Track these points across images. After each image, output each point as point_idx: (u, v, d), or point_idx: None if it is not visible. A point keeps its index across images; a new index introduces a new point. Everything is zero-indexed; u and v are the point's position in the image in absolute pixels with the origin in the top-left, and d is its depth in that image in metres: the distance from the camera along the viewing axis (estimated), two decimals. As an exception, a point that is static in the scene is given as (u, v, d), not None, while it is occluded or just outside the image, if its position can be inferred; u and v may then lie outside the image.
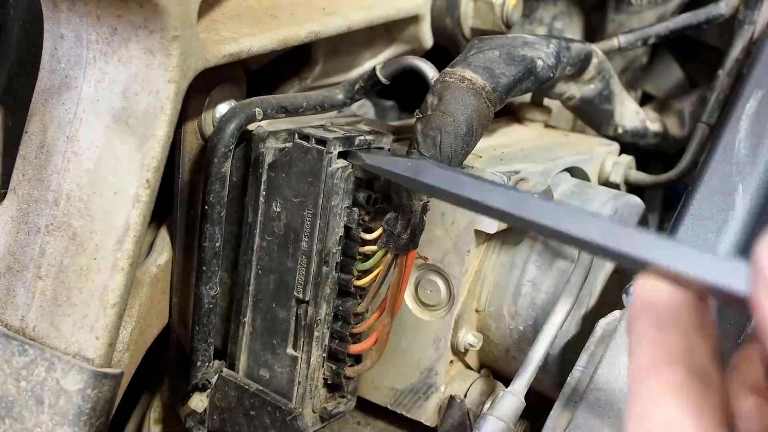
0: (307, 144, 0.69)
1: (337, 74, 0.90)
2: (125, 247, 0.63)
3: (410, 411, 0.83)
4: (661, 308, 0.35)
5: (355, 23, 0.82)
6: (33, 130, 0.66)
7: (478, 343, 0.81)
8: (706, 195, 0.79)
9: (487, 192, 0.51)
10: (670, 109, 1.11)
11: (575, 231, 0.41)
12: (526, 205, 0.46)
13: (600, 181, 0.98)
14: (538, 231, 0.45)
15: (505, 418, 0.69)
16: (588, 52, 0.87)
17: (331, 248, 0.71)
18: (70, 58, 0.64)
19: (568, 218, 0.42)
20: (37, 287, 0.66)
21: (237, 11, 0.74)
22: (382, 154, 0.70)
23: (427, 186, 0.59)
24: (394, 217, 0.70)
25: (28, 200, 0.66)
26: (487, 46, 0.75)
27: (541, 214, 0.44)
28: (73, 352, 0.64)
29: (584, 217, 0.41)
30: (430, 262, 0.79)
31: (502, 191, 0.49)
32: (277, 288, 0.73)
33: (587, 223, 0.40)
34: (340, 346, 0.75)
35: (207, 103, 0.73)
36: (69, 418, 0.63)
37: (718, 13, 1.00)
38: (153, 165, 0.63)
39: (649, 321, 0.35)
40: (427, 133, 0.68)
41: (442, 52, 0.95)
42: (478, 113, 0.70)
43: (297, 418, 0.73)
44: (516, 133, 0.96)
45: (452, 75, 0.70)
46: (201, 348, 0.74)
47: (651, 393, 0.33)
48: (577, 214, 0.41)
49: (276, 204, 0.71)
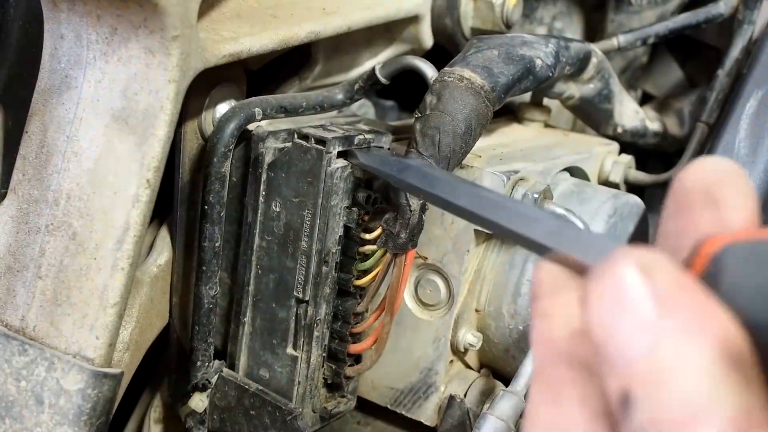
0: (306, 144, 0.69)
1: (337, 74, 0.90)
2: (125, 246, 0.63)
3: (410, 411, 0.83)
4: (542, 294, 0.36)
5: (355, 23, 0.82)
6: (33, 130, 0.66)
7: (477, 342, 0.81)
8: (706, 195, 0.79)
9: (455, 191, 0.52)
10: (670, 109, 1.11)
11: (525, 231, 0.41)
12: (486, 204, 0.47)
13: (599, 180, 0.98)
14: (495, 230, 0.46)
15: (504, 418, 0.69)
16: (587, 51, 0.87)
17: (330, 248, 0.71)
18: (70, 57, 0.64)
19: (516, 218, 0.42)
20: (37, 287, 0.66)
21: (237, 11, 0.74)
22: (375, 153, 0.71)
23: (409, 185, 0.61)
24: (393, 216, 0.70)
25: (28, 200, 0.66)
26: (486, 46, 0.75)
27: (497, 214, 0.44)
28: (73, 351, 0.64)
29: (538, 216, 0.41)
30: (430, 262, 0.79)
31: (469, 191, 0.50)
32: (277, 287, 0.73)
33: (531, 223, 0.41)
34: (339, 346, 0.75)
35: (207, 103, 0.73)
36: (69, 418, 0.63)
37: (718, 12, 1.00)
38: (153, 165, 0.63)
39: (537, 310, 0.35)
40: (426, 132, 0.68)
41: (442, 52, 0.95)
42: (477, 112, 0.70)
43: (297, 418, 0.73)
44: (515, 132, 0.97)
45: (451, 74, 0.70)
46: (201, 348, 0.75)
47: (535, 400, 0.33)
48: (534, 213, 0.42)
49: (275, 204, 0.71)
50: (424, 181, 0.58)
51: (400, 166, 0.63)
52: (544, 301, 0.35)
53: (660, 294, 0.28)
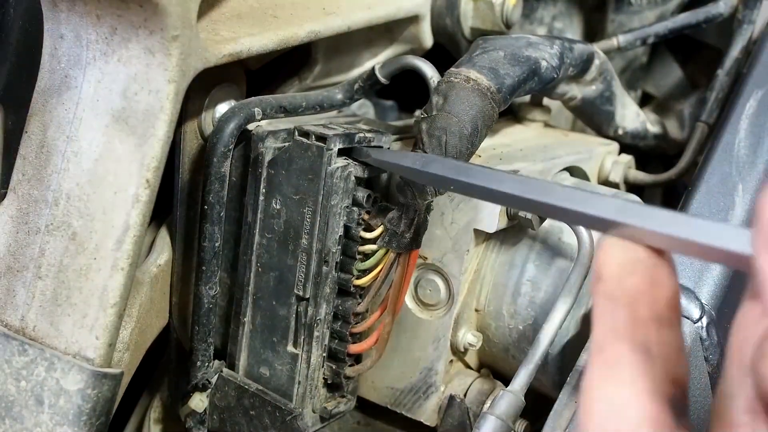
0: (307, 141, 0.69)
1: (337, 74, 0.90)
2: (125, 246, 0.63)
3: (410, 411, 0.83)
4: (609, 276, 0.36)
5: (355, 23, 0.82)
6: (33, 130, 0.66)
7: (477, 342, 0.81)
8: (706, 195, 0.79)
9: (496, 179, 0.52)
10: (670, 110, 1.12)
11: (584, 209, 0.42)
12: (534, 189, 0.47)
13: (599, 180, 0.98)
14: (547, 213, 0.47)
15: (504, 417, 0.69)
16: (590, 53, 0.87)
17: (330, 248, 0.71)
18: (70, 57, 0.64)
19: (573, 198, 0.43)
20: (37, 287, 0.66)
21: (237, 11, 0.74)
22: (388, 150, 0.71)
23: (436, 177, 0.61)
24: (398, 216, 0.70)
25: (28, 200, 0.66)
26: (492, 47, 0.75)
27: (548, 196, 0.46)
28: (73, 352, 0.64)
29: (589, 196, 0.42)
30: (430, 262, 0.79)
31: (511, 178, 0.51)
32: (277, 285, 0.73)
33: (594, 201, 0.42)
34: (340, 346, 0.75)
35: (207, 103, 0.73)
36: (69, 418, 0.63)
37: (717, 12, 1.00)
38: (153, 165, 0.63)
39: (601, 292, 0.36)
40: (433, 133, 0.68)
41: (443, 52, 0.95)
42: (483, 113, 0.70)
43: (297, 418, 0.73)
44: (515, 132, 0.97)
45: (457, 75, 0.70)
46: (201, 348, 0.75)
47: (594, 376, 0.34)
48: (582, 194, 0.43)
49: (276, 201, 0.71)
50: (458, 172, 0.58)
51: (423, 160, 0.63)
52: (610, 284, 0.36)
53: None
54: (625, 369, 0.33)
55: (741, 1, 1.00)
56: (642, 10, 1.08)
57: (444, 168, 0.60)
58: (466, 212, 0.76)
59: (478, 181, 0.54)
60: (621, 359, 0.34)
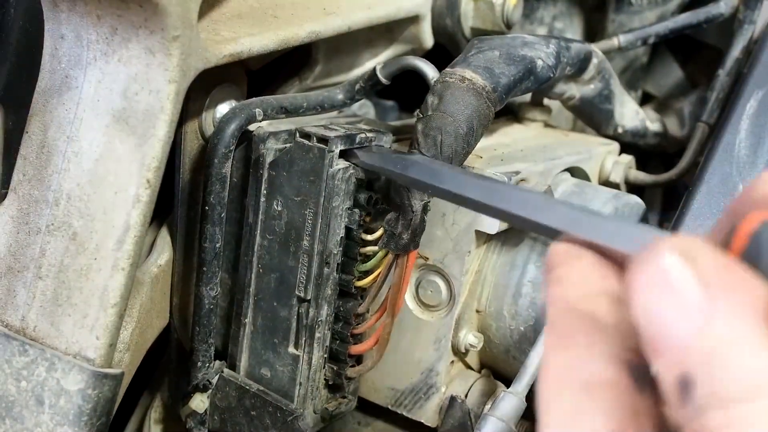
0: (308, 143, 0.69)
1: (337, 74, 0.90)
2: (125, 247, 0.63)
3: (411, 411, 0.82)
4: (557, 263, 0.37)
5: (355, 23, 0.82)
6: (33, 130, 0.66)
7: (478, 343, 0.81)
8: (706, 195, 0.79)
9: (464, 183, 0.52)
10: (670, 109, 1.11)
11: (542, 219, 0.42)
12: (497, 195, 0.47)
13: (600, 180, 0.98)
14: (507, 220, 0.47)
15: (506, 419, 0.69)
16: (588, 52, 0.87)
17: (332, 249, 0.71)
18: (71, 58, 0.64)
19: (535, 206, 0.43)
20: (37, 287, 0.66)
21: (237, 11, 0.73)
22: (376, 152, 0.71)
23: (415, 180, 0.60)
24: (395, 217, 0.70)
25: (29, 200, 0.66)
26: (487, 46, 0.75)
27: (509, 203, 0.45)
28: (73, 352, 0.64)
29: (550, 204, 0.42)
30: (431, 263, 0.79)
31: (476, 182, 0.50)
32: (279, 287, 0.73)
33: (553, 209, 0.41)
34: (341, 347, 0.75)
35: (207, 104, 0.73)
36: (69, 419, 0.63)
37: (718, 12, 1.00)
38: (153, 165, 0.63)
39: (551, 280, 0.37)
40: (428, 133, 0.68)
41: (443, 52, 0.95)
42: (479, 113, 0.70)
43: (298, 419, 0.73)
44: (516, 132, 0.96)
45: (452, 75, 0.70)
46: (201, 348, 0.74)
47: (547, 348, 0.35)
48: (546, 202, 0.42)
49: (277, 203, 0.71)
50: (431, 176, 0.57)
51: (404, 162, 0.63)
52: (557, 270, 0.37)
53: (704, 277, 0.30)
54: (576, 336, 0.34)
55: (742, 2, 1.00)
56: (642, 10, 1.08)
57: (420, 171, 0.60)
58: (467, 213, 0.76)
59: (447, 186, 0.54)
60: (571, 329, 0.34)
